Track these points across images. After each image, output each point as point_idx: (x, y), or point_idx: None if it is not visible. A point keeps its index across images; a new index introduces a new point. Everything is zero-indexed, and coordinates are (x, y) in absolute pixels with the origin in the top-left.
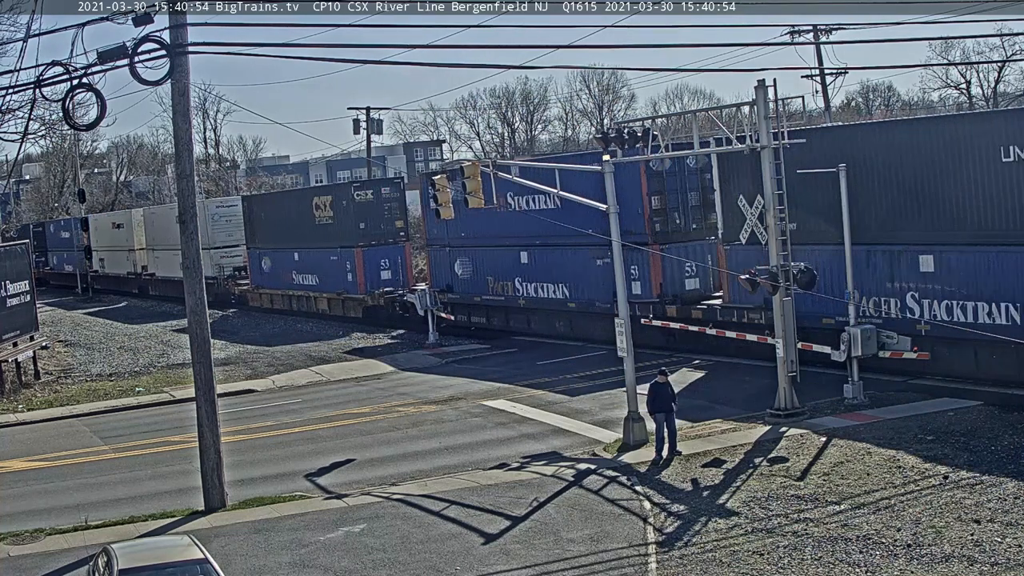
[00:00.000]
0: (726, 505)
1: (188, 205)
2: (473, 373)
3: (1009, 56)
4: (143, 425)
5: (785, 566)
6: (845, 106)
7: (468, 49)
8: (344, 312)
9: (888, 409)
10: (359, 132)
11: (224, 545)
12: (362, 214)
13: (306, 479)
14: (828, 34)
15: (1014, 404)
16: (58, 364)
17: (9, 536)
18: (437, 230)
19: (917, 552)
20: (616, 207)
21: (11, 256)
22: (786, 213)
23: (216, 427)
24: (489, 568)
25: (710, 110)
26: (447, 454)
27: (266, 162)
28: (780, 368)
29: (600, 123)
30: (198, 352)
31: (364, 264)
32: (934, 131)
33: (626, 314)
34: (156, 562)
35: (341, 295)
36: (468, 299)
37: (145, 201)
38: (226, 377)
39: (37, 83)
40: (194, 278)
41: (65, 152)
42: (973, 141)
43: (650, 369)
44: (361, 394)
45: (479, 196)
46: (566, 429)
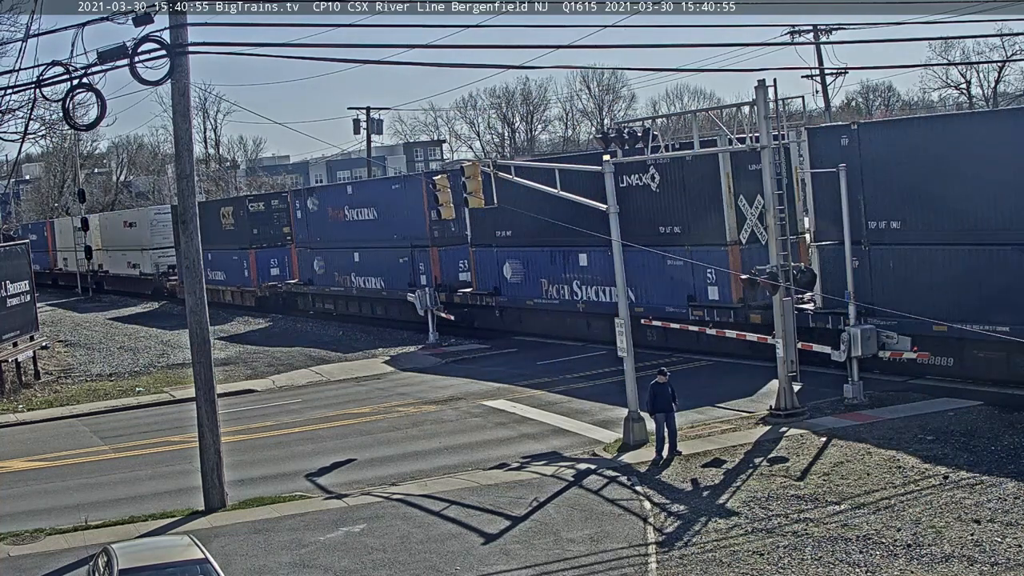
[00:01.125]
0: (726, 505)
1: (188, 205)
2: (473, 373)
3: (1009, 56)
4: (143, 425)
5: (785, 566)
6: (845, 106)
7: (468, 49)
8: (243, 301)
9: (888, 409)
10: (359, 132)
11: (224, 545)
12: (255, 222)
13: (306, 479)
14: (828, 34)
15: (1014, 404)
16: (58, 364)
17: (9, 536)
18: (303, 234)
19: (917, 552)
20: (616, 207)
21: (11, 256)
22: (785, 213)
23: (216, 427)
24: (489, 568)
25: (710, 110)
26: (447, 454)
27: (266, 162)
28: (780, 368)
29: (600, 123)
30: (198, 352)
31: (257, 262)
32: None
33: (626, 314)
34: (156, 562)
35: (240, 288)
36: (322, 289)
37: (145, 201)
38: (226, 377)
39: (37, 83)
40: (194, 278)
41: (65, 152)
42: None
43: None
44: (361, 394)
45: (479, 196)
46: (566, 429)
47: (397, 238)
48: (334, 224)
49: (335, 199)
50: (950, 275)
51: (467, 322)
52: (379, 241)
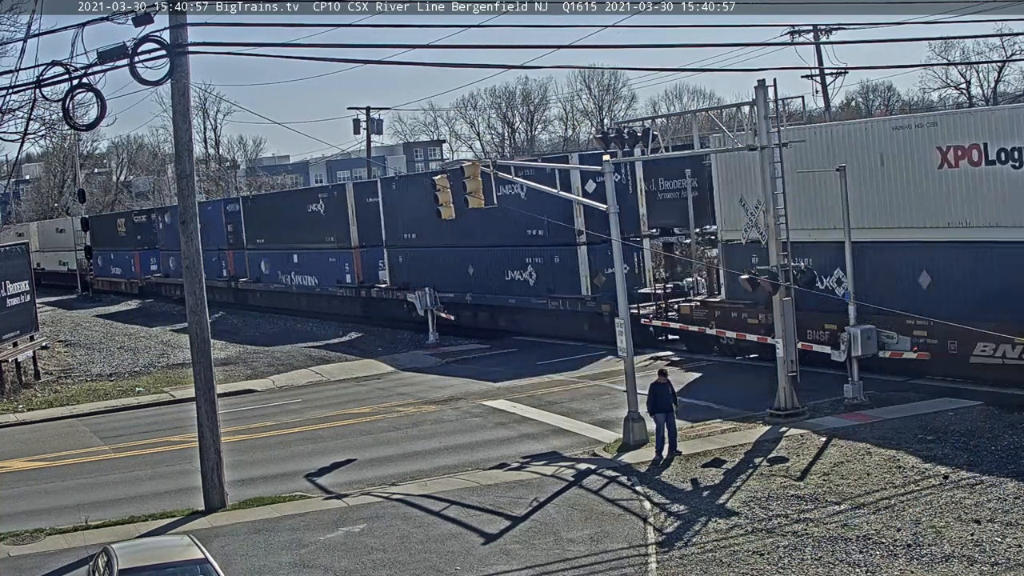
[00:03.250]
0: (726, 505)
1: (188, 205)
2: (473, 373)
3: (1009, 56)
4: (143, 425)
5: (785, 566)
6: (845, 106)
7: (468, 49)
8: (130, 290)
9: (888, 409)
10: (359, 132)
11: (224, 545)
12: (140, 230)
13: (306, 479)
14: (828, 34)
15: (1014, 404)
16: (58, 364)
17: (9, 536)
18: (162, 241)
19: (917, 552)
20: (616, 207)
21: (11, 256)
22: (785, 213)
23: (216, 427)
24: (489, 568)
25: (710, 110)
26: (447, 454)
27: (266, 162)
28: (780, 368)
29: (600, 123)
30: (198, 352)
31: (140, 260)
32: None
33: (626, 314)
34: (156, 562)
35: (128, 280)
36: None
37: (145, 201)
38: (226, 377)
39: (37, 83)
40: (194, 278)
41: (65, 152)
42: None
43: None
44: (361, 394)
45: (479, 196)
46: (566, 429)
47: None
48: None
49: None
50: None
51: (240, 301)
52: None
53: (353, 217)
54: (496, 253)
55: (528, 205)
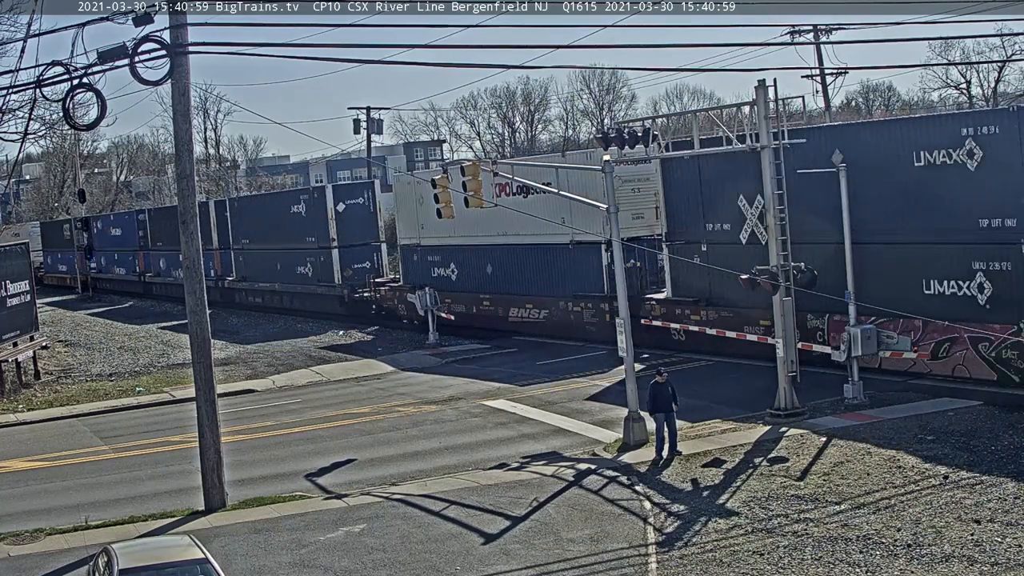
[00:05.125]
0: (726, 505)
1: (188, 205)
2: (473, 373)
3: (1009, 56)
4: (143, 425)
5: (785, 566)
6: (845, 106)
7: (468, 49)
8: (74, 285)
9: (888, 409)
10: (359, 132)
11: (224, 545)
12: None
13: (306, 479)
14: (828, 34)
15: (1014, 404)
16: (58, 364)
17: (9, 536)
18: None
19: (917, 552)
20: (615, 207)
21: (11, 256)
22: (788, 214)
23: (216, 427)
24: (489, 568)
25: (710, 110)
26: (447, 454)
27: (266, 162)
28: (780, 368)
29: (600, 123)
30: (198, 352)
31: (81, 259)
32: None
33: (626, 314)
34: (156, 562)
35: (71, 276)
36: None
37: (145, 201)
38: (226, 377)
39: (37, 83)
40: (194, 278)
41: (65, 152)
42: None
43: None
44: (361, 394)
45: (479, 196)
46: (566, 429)
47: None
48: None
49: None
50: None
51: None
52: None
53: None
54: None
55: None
